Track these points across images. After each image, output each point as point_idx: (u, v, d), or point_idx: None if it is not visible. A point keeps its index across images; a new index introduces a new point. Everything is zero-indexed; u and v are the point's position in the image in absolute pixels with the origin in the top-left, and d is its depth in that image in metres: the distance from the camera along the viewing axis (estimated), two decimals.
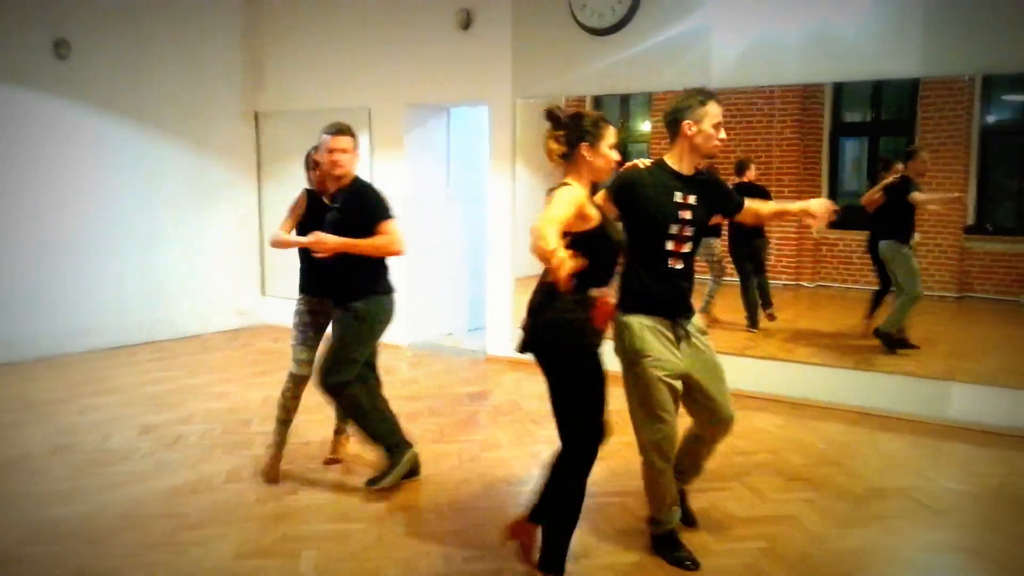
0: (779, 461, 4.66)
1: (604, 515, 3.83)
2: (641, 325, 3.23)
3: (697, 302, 3.56)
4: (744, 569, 3.36)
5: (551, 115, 3.06)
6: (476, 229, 7.95)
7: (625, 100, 8.73)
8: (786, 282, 9.72)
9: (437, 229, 7.98)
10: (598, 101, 8.45)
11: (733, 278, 7.88)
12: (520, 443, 4.98)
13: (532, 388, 6.23)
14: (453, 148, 8.20)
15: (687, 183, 3.28)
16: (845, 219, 6.86)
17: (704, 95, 3.25)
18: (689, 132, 3.23)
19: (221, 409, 5.60)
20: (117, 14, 7.54)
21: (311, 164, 4.46)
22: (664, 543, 3.44)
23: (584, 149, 3.01)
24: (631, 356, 3.24)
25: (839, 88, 9.91)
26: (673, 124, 3.27)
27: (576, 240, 2.88)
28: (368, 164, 8.01)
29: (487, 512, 3.90)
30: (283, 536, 3.67)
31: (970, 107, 9.22)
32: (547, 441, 4.93)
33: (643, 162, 3.35)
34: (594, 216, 3.02)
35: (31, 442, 4.90)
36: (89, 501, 4.03)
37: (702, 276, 7.27)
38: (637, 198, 3.23)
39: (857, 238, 7.44)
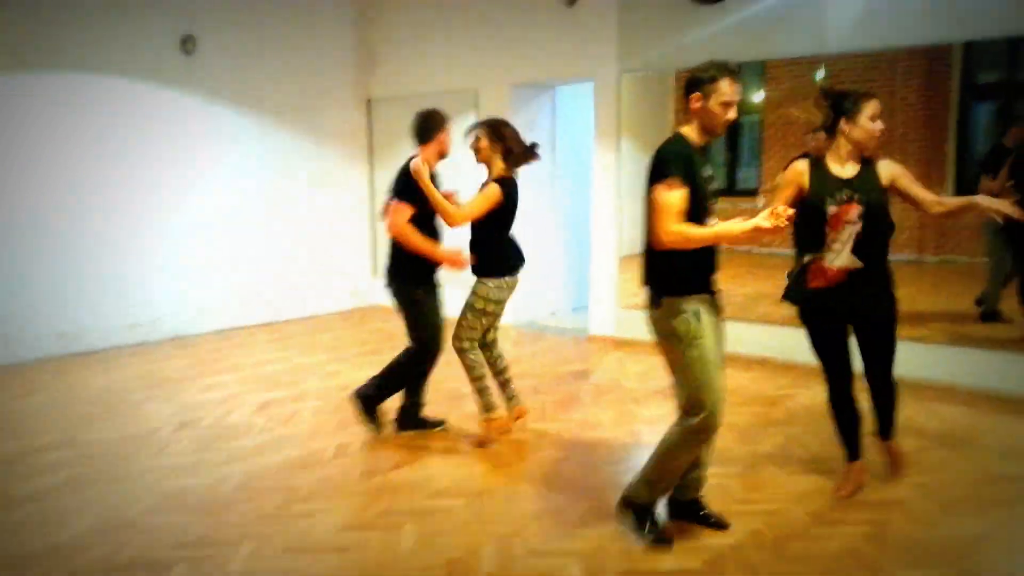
0: None
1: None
2: (697, 305, 3.19)
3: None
4: (845, 554, 3.26)
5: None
6: (581, 208, 7.93)
7: (737, 70, 8.52)
8: (908, 257, 9.26)
9: (542, 208, 8.00)
10: None
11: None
12: (621, 423, 4.97)
13: (634, 368, 6.20)
14: (559, 127, 8.19)
15: (703, 156, 3.24)
16: (972, 190, 6.47)
17: (720, 69, 3.15)
18: (695, 105, 3.16)
19: (333, 387, 5.82)
20: (238, 10, 7.90)
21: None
22: (646, 513, 3.40)
23: (843, 123, 3.57)
24: (691, 337, 3.16)
25: (969, 47, 9.32)
26: (685, 93, 3.21)
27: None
28: None
29: (586, 491, 3.92)
30: (386, 510, 3.80)
31: None
32: (648, 421, 4.91)
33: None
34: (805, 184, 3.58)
35: (159, 418, 5.24)
36: (210, 474, 4.28)
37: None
38: (695, 175, 3.15)
39: None
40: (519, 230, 4.68)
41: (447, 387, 5.41)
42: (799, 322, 3.85)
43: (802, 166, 3.69)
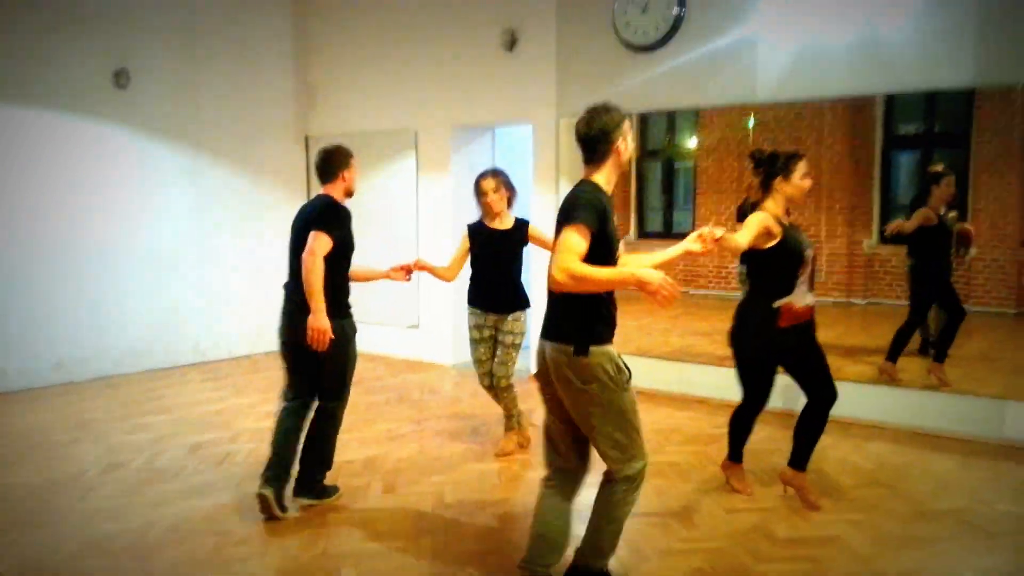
0: (825, 482, 4.56)
1: (645, 536, 3.79)
2: (614, 354, 3.05)
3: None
4: None
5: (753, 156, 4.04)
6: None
7: (671, 116, 8.71)
8: (837, 299, 9.55)
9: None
10: (644, 118, 8.45)
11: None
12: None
13: None
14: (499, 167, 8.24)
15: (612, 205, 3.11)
16: (897, 235, 6.72)
17: (620, 112, 3.10)
18: (622, 149, 3.09)
19: (268, 428, 5.64)
20: (173, 45, 7.79)
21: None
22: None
23: (778, 181, 4.01)
24: (619, 381, 3.01)
25: (891, 100, 9.75)
26: (604, 141, 3.07)
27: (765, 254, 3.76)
28: (414, 185, 8.11)
29: (528, 532, 3.88)
30: (323, 553, 3.71)
31: None
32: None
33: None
34: (778, 233, 3.92)
35: (85, 460, 5.04)
36: (139, 517, 4.12)
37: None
38: (608, 223, 3.03)
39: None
40: (462, 270, 4.76)
41: (381, 428, 5.34)
42: (732, 361, 4.05)
43: (768, 217, 4.00)
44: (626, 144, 3.10)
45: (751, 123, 9.67)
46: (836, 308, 9.40)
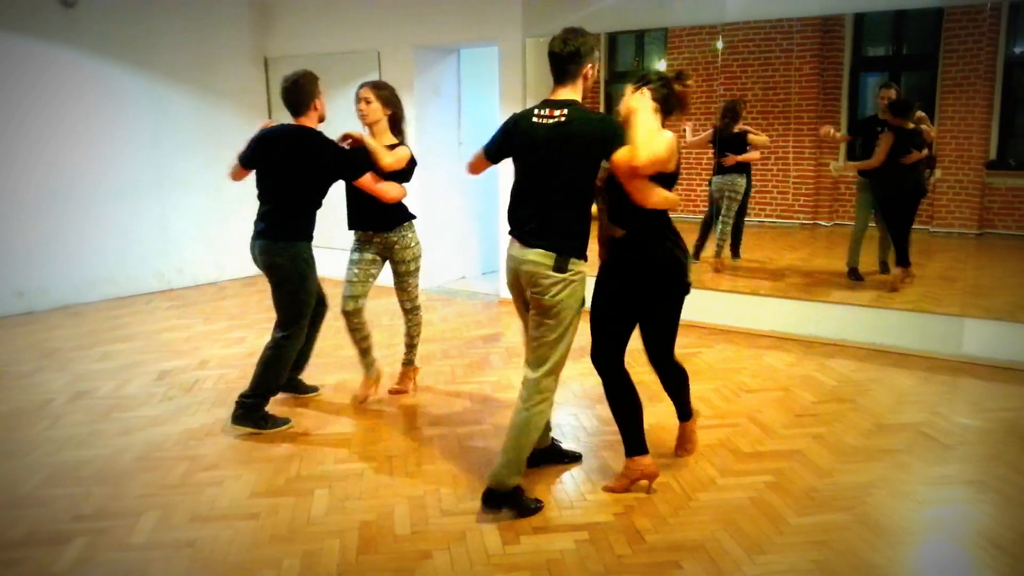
0: (789, 398, 4.67)
1: (614, 451, 3.86)
2: (585, 273, 3.27)
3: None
4: (750, 503, 3.39)
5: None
6: (488, 173, 7.88)
7: (640, 37, 8.58)
8: (803, 221, 9.63)
9: (448, 173, 7.94)
10: (612, 39, 8.31)
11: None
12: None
13: None
14: (464, 90, 8.11)
15: None
16: (865, 155, 6.75)
17: (594, 37, 3.22)
18: (589, 74, 3.21)
19: (237, 355, 5.67)
20: None
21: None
22: (519, 492, 3.36)
23: None
24: (579, 306, 3.29)
25: (860, 21, 9.68)
26: (577, 63, 3.16)
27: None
28: None
29: (498, 451, 3.94)
30: (297, 476, 3.74)
31: (995, 39, 8.98)
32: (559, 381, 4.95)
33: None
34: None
35: (51, 389, 5.00)
36: (108, 445, 4.11)
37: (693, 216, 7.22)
38: None
39: None
40: (428, 196, 4.68)
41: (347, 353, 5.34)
42: (704, 285, 4.02)
43: None
44: (593, 71, 3.21)
45: (720, 45, 9.59)
46: (803, 231, 9.50)
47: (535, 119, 3.21)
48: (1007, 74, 9.06)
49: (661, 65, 8.81)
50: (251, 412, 4.25)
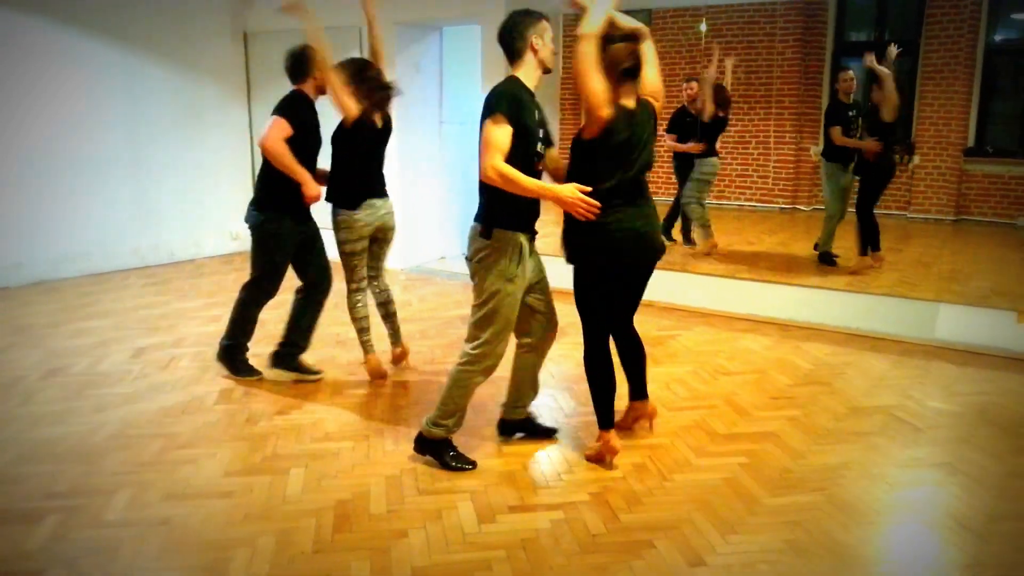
0: (765, 381, 4.71)
1: (589, 432, 3.88)
2: (518, 243, 3.34)
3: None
4: (723, 483, 3.42)
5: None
6: (469, 152, 7.86)
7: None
8: (783, 206, 9.68)
9: (430, 153, 7.90)
10: None
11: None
12: (509, 364, 5.00)
13: None
14: (446, 69, 8.05)
15: (533, 99, 3.36)
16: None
17: (536, 13, 3.35)
18: (538, 46, 3.31)
19: (213, 333, 5.60)
20: None
21: None
22: (444, 446, 3.60)
23: None
24: (508, 275, 3.35)
25: (843, 6, 9.71)
26: (518, 39, 3.31)
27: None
28: None
29: (475, 430, 3.95)
30: (273, 454, 3.72)
31: (976, 26, 9.03)
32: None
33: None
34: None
35: (24, 365, 4.94)
36: (82, 422, 4.08)
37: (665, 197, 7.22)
38: (525, 113, 3.25)
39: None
40: (409, 174, 4.64)
41: (330, 332, 5.33)
42: (679, 267, 4.05)
43: None
44: (542, 41, 3.32)
45: (704, 27, 9.58)
46: (783, 214, 9.55)
47: None
48: (987, 61, 9.13)
49: None
50: (227, 353, 4.66)
